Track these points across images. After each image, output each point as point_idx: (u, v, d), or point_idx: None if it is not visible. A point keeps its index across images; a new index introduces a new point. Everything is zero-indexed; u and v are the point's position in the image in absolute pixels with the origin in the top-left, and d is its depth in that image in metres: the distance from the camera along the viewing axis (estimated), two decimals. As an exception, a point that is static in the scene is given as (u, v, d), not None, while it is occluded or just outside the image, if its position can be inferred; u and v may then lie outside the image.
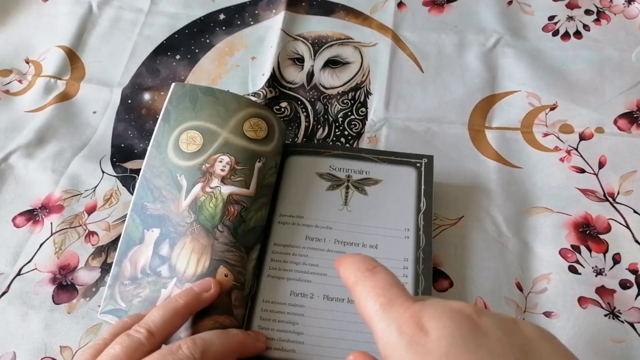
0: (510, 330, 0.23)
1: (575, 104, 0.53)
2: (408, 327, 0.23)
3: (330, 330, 0.38)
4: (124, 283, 0.40)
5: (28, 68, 0.61)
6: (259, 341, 0.37)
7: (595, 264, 0.44)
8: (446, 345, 0.22)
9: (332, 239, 0.42)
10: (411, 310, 0.24)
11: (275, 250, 0.42)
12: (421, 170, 0.45)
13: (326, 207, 0.44)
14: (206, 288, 0.37)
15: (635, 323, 0.41)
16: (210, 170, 0.41)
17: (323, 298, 0.39)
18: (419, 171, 0.45)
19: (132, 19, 0.64)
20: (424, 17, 0.62)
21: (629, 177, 0.48)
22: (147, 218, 0.41)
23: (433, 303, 0.25)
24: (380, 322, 0.25)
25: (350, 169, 0.46)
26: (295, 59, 0.60)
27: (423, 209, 0.43)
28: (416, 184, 0.45)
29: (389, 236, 0.42)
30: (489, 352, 0.22)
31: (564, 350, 0.24)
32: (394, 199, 0.44)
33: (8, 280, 0.45)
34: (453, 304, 0.25)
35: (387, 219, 0.43)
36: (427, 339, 0.23)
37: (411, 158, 0.46)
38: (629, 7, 0.61)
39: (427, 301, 0.25)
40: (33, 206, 0.50)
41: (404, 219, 0.43)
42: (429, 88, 0.56)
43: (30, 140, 0.54)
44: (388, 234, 0.42)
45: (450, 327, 0.23)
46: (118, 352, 0.32)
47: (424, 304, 0.25)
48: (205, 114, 0.43)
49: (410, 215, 0.43)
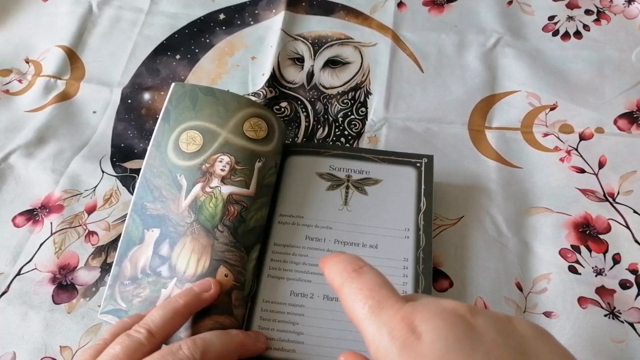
0: (506, 330, 0.23)
1: (575, 104, 0.53)
2: (399, 330, 0.23)
3: (330, 330, 0.38)
4: (124, 283, 0.40)
5: (28, 68, 0.61)
6: (259, 342, 0.37)
7: (595, 264, 0.44)
8: (440, 349, 0.21)
9: (332, 239, 0.42)
10: (402, 312, 0.23)
11: (275, 250, 0.42)
12: (421, 170, 0.45)
13: (326, 207, 0.44)
14: (206, 288, 0.37)
15: (635, 323, 0.41)
16: (210, 170, 0.41)
17: (323, 298, 0.39)
18: (419, 171, 0.45)
19: (132, 18, 0.64)
20: (424, 17, 0.62)
21: (628, 177, 0.48)
22: (147, 218, 0.41)
23: (425, 304, 0.24)
24: (370, 325, 0.24)
25: (350, 169, 0.45)
26: (295, 59, 0.60)
27: (423, 208, 0.43)
28: (416, 183, 0.45)
29: (388, 236, 0.42)
30: (485, 355, 0.21)
31: (560, 349, 0.23)
32: (394, 199, 0.44)
33: (8, 280, 0.45)
34: (446, 304, 0.24)
35: (387, 219, 0.43)
36: (420, 343, 0.22)
37: (411, 158, 0.46)
38: (629, 7, 0.61)
39: (418, 301, 0.24)
40: (33, 206, 0.50)
41: (404, 219, 0.43)
42: (429, 88, 0.56)
43: (30, 140, 0.54)
44: (388, 234, 0.42)
45: (443, 330, 0.22)
46: (118, 352, 0.32)
47: (415, 305, 0.24)
48: (205, 113, 0.43)
49: (410, 215, 0.43)
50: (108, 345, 0.33)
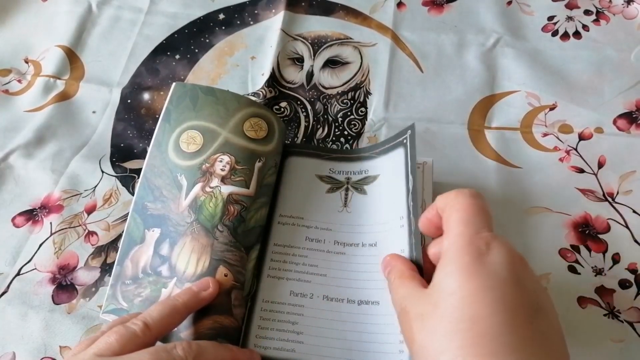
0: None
1: (574, 104, 0.53)
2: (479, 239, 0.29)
3: (329, 330, 0.38)
4: (125, 282, 0.40)
5: (27, 68, 0.61)
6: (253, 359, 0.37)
7: (594, 263, 0.44)
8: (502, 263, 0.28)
9: (332, 240, 0.42)
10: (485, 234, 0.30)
11: (275, 250, 0.42)
12: (407, 145, 0.42)
13: (326, 209, 0.43)
14: (205, 287, 0.37)
15: (635, 323, 0.41)
16: (211, 170, 0.41)
17: (323, 298, 0.39)
18: (406, 148, 0.42)
19: (132, 18, 0.64)
20: (424, 17, 0.62)
21: (628, 177, 0.49)
22: (147, 218, 0.41)
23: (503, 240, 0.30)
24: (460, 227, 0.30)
25: (350, 171, 0.45)
26: (294, 59, 0.60)
27: (411, 188, 0.40)
28: (404, 162, 0.41)
29: (385, 231, 0.41)
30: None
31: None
32: (390, 189, 0.42)
33: (8, 280, 0.45)
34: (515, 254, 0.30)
35: (384, 213, 0.42)
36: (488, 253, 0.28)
37: (399, 137, 0.43)
38: (628, 7, 0.61)
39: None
40: (32, 206, 0.49)
41: (398, 207, 0.40)
42: (429, 88, 0.56)
43: (30, 140, 0.54)
44: (385, 229, 0.41)
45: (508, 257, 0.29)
46: (112, 341, 0.32)
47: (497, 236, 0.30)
48: (206, 113, 0.43)
49: (402, 201, 0.40)
50: None
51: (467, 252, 0.29)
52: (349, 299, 0.39)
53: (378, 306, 0.38)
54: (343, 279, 0.40)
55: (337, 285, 0.39)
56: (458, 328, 0.26)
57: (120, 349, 0.31)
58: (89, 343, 0.33)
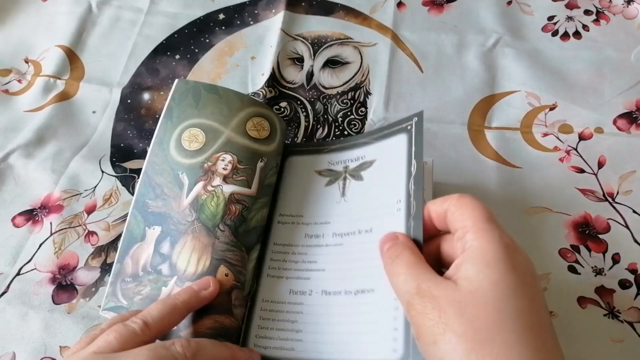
0: None
1: (574, 104, 0.53)
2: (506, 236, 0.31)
3: (327, 325, 0.38)
4: (125, 280, 0.40)
5: (27, 68, 0.61)
6: (252, 359, 0.37)
7: (594, 263, 0.44)
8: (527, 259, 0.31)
9: (330, 233, 0.41)
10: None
11: (275, 249, 0.42)
12: (412, 132, 0.40)
13: (324, 203, 0.43)
14: (205, 286, 0.37)
15: (635, 323, 0.41)
16: (212, 169, 0.41)
17: (321, 294, 0.39)
18: (410, 134, 0.40)
19: (132, 18, 0.64)
20: (424, 17, 0.62)
21: (628, 177, 0.49)
22: (148, 215, 0.41)
23: None
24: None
25: (347, 159, 0.44)
26: (294, 59, 0.60)
27: (414, 172, 0.38)
28: (407, 147, 0.40)
29: (381, 215, 0.39)
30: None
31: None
32: (387, 173, 0.41)
33: (8, 280, 0.45)
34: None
35: (380, 197, 0.40)
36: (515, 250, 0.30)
37: (402, 123, 0.42)
38: (628, 7, 0.61)
39: None
40: (32, 206, 0.49)
41: (395, 191, 0.39)
42: (429, 88, 0.56)
43: (30, 140, 0.54)
44: (381, 214, 0.40)
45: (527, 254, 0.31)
46: (111, 339, 0.32)
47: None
48: (208, 111, 0.43)
49: (401, 184, 0.39)
50: None
51: (502, 247, 0.30)
52: (346, 291, 0.38)
53: (373, 294, 0.37)
54: (340, 270, 0.39)
55: (335, 278, 0.39)
56: (505, 319, 0.27)
57: (120, 347, 0.31)
58: (89, 341, 0.33)
